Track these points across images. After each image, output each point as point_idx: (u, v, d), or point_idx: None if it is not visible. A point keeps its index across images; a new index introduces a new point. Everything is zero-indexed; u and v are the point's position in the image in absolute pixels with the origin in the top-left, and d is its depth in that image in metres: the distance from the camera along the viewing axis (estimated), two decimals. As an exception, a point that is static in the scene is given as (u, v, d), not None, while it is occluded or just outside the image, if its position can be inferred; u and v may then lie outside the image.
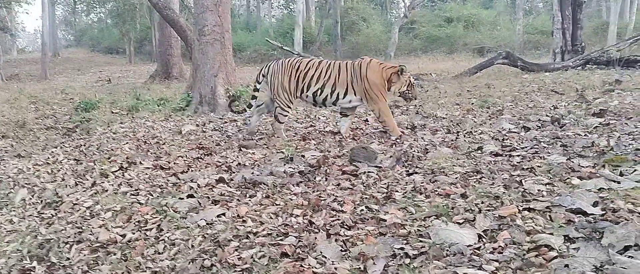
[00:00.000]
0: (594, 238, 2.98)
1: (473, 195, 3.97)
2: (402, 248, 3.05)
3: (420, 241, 3.17)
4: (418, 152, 5.56)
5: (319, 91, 6.86)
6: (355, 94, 6.81)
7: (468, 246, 3.04)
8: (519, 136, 6.20)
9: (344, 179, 4.74)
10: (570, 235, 3.04)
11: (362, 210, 3.86)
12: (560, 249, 2.88)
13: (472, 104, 9.01)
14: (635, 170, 4.35)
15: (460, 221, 3.42)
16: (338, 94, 6.83)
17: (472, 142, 5.96)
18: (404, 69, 6.67)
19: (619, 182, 4.02)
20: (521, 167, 4.72)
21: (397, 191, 4.24)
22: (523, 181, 4.25)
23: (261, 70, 7.25)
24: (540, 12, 38.17)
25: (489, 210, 3.61)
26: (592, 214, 3.36)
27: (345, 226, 3.53)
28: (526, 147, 5.58)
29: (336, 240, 3.31)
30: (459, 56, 22.19)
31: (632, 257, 2.69)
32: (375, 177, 4.75)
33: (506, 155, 5.28)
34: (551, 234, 3.09)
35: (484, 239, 3.15)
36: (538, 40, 26.68)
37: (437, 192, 4.13)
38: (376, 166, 5.11)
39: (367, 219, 3.65)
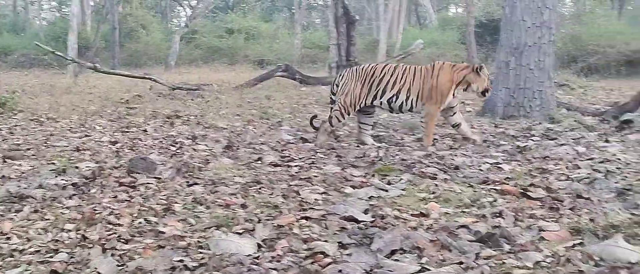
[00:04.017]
0: (364, 243, 3.17)
1: (253, 205, 4.01)
2: (181, 260, 2.97)
3: (200, 252, 3.11)
4: (199, 163, 5.49)
5: (394, 97, 6.59)
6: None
7: (247, 255, 3.05)
8: (297, 147, 6.43)
9: (122, 191, 4.49)
10: (343, 241, 3.20)
11: (140, 223, 3.68)
12: (334, 255, 3.01)
13: (253, 115, 9.16)
14: (401, 179, 4.75)
15: (240, 231, 3.43)
16: (412, 100, 6.59)
17: (253, 153, 6.03)
18: (482, 67, 6.50)
19: (387, 191, 4.35)
20: (299, 177, 4.89)
21: (177, 202, 4.12)
22: (300, 190, 4.40)
23: (335, 79, 7.01)
24: (317, 27, 40.30)
25: (268, 220, 3.66)
26: (363, 221, 3.59)
27: (122, 240, 3.34)
28: (304, 157, 5.80)
29: (112, 255, 3.11)
30: (240, 67, 22.37)
31: (397, 260, 2.92)
32: (154, 189, 4.57)
33: (285, 165, 5.44)
34: (326, 241, 3.23)
35: (263, 249, 3.18)
36: (315, 54, 27.93)
37: (217, 203, 4.10)
38: (155, 177, 4.94)
39: (146, 232, 3.49)
